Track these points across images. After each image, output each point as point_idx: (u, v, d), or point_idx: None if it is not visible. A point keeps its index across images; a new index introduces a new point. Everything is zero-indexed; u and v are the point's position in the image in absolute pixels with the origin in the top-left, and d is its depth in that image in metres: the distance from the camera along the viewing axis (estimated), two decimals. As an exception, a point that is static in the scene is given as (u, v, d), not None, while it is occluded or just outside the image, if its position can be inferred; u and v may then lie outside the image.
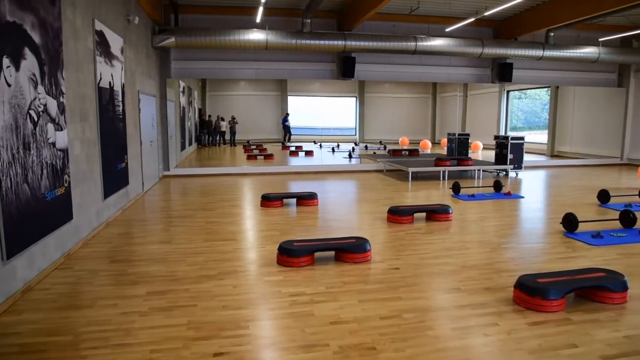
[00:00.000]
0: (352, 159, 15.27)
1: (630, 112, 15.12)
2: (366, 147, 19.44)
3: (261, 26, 11.39)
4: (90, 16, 6.12)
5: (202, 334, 3.25)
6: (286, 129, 20.89)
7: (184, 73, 12.37)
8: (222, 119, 21.52)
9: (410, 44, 12.09)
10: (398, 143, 21.03)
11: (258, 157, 15.69)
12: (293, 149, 18.04)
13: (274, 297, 3.92)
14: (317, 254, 4.92)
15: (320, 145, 20.05)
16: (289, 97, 23.15)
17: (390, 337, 3.21)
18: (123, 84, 7.67)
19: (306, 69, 12.97)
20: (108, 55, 6.84)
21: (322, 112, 22.31)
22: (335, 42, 11.71)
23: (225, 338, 3.19)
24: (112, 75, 7.01)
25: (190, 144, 17.82)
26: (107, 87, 6.78)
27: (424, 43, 12.18)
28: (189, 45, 11.09)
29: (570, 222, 6.13)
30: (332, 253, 4.99)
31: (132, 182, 8.19)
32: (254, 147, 19.22)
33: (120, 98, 7.47)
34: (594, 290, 3.86)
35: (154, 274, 4.48)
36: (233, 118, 21.50)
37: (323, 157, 16.73)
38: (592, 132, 16.67)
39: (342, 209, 7.97)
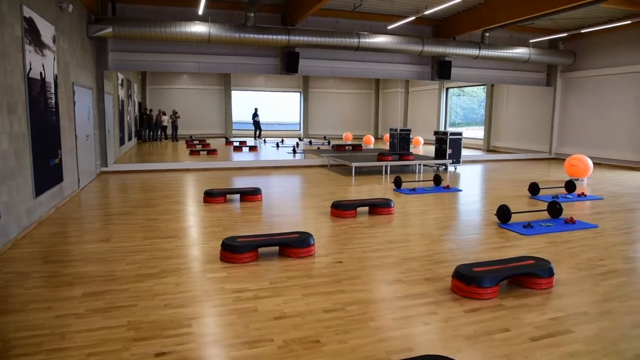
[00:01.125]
0: (296, 154, 15.30)
1: (557, 109, 16.09)
2: (310, 143, 19.53)
3: (204, 19, 11.15)
4: (18, 2, 5.76)
5: (143, 334, 3.17)
6: (256, 125, 20.47)
7: (122, 65, 11.90)
8: (164, 113, 20.91)
9: (354, 41, 12.25)
10: (342, 138, 21.28)
11: (201, 152, 15.39)
12: (237, 144, 17.84)
13: (218, 294, 3.88)
14: (261, 250, 4.92)
15: (265, 141, 19.94)
16: (232, 92, 22.81)
17: (334, 330, 3.27)
18: (56, 75, 7.29)
19: (250, 63, 12.84)
20: (39, 45, 6.47)
21: (266, 107, 22.12)
22: (279, 37, 11.67)
23: (168, 337, 3.13)
24: (43, 66, 6.64)
25: (129, 138, 17.19)
26: (38, 78, 6.41)
27: (367, 40, 12.38)
28: (127, 36, 10.67)
29: (503, 214, 6.46)
30: (276, 248, 5.00)
31: (66, 178, 7.81)
32: (197, 142, 18.84)
33: (52, 90, 7.09)
34: (524, 277, 4.10)
35: (91, 274, 4.30)
36: (175, 112, 20.94)
37: (267, 152, 16.65)
38: (524, 128, 17.61)
39: (286, 204, 7.98)
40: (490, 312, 3.59)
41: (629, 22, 12.24)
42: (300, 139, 20.20)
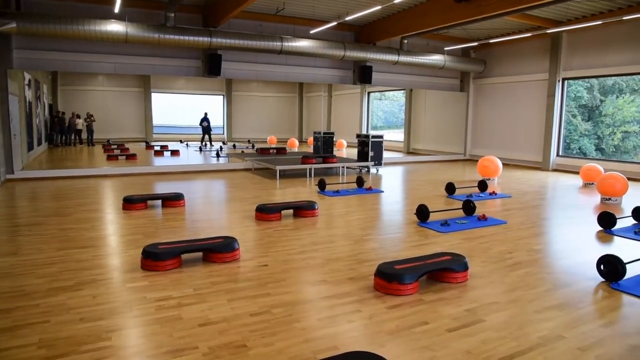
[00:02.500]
0: (220, 158, 15.08)
1: (471, 113, 17.12)
2: (234, 146, 19.33)
3: (120, 17, 10.67)
4: None
5: (57, 351, 2.98)
6: (205, 130, 19.36)
7: (29, 64, 11.09)
8: (78, 116, 19.70)
9: (277, 44, 12.28)
10: (266, 142, 21.21)
11: (119, 157, 14.71)
12: (158, 148, 17.24)
13: (139, 304, 3.74)
14: (185, 256, 4.80)
15: (187, 145, 19.43)
16: (152, 94, 22.01)
17: (260, 333, 3.27)
18: (-50, 75, 6.65)
19: (170, 65, 12.48)
20: None
21: (189, 110, 21.56)
22: (201, 39, 11.44)
23: (84, 353, 2.97)
24: None
25: (39, 143, 16.03)
26: None
27: (290, 44, 12.46)
28: (35, 33, 9.93)
29: (422, 213, 6.77)
30: (200, 254, 4.90)
31: (-36, 187, 7.15)
32: (115, 146, 17.96)
33: (-54, 91, 6.46)
34: (442, 272, 4.33)
35: (-5, 290, 3.98)
36: (90, 115, 19.79)
37: (190, 156, 16.24)
38: (441, 131, 18.55)
39: (210, 209, 7.83)
40: (411, 307, 3.76)
41: (530, 34, 13.30)
42: (224, 143, 19.89)
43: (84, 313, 3.55)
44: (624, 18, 11.08)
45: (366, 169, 13.19)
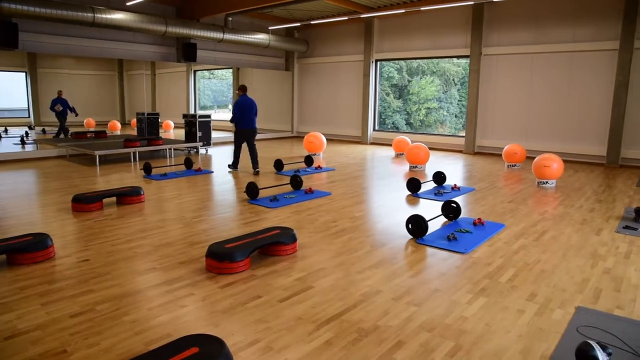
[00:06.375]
0: (27, 146, 13.27)
1: (296, 92, 17.79)
2: (44, 131, 17.10)
3: None
4: None
5: None
6: (59, 116, 15.41)
7: None
8: None
9: (88, 15, 11.08)
10: (83, 125, 19.23)
11: None
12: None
13: None
14: (-17, 261, 4.15)
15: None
16: None
17: (83, 335, 3.01)
18: None
19: (-53, 35, 10.39)
20: None
21: (-20, 90, 18.37)
22: (-12, 5, 9.74)
23: None
24: None
25: None
26: None
27: (103, 15, 11.36)
28: None
29: (252, 191, 6.88)
30: (4, 257, 4.28)
31: None
32: None
33: None
34: (272, 246, 4.49)
35: None
36: None
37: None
38: (269, 109, 18.91)
39: (15, 204, 6.84)
40: (244, 284, 3.83)
41: (347, 18, 14.21)
42: (30, 128, 17.47)
43: None
44: (422, 9, 12.54)
45: (195, 150, 12.86)
